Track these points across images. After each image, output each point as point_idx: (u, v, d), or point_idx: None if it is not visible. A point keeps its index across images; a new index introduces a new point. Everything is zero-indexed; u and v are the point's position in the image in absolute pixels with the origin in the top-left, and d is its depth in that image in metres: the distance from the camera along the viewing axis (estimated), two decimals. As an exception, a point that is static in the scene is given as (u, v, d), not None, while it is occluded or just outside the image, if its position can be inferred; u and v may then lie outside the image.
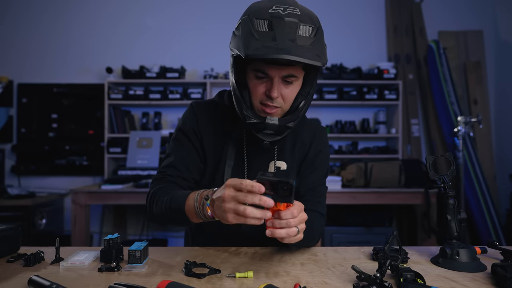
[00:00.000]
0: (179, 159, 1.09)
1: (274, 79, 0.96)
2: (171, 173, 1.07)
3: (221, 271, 0.87)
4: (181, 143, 1.11)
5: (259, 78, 0.98)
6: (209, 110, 1.14)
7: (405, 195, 2.98)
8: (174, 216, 0.96)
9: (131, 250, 0.91)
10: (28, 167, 3.63)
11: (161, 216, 1.00)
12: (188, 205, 0.91)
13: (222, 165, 1.11)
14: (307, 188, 1.15)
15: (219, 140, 1.12)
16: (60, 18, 3.77)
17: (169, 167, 1.08)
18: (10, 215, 3.02)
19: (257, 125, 0.98)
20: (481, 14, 3.86)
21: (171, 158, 1.10)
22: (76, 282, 0.81)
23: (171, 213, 0.96)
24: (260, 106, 1.00)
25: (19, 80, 3.70)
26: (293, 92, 1.00)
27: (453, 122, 3.38)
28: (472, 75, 3.71)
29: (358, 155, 3.51)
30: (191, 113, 1.13)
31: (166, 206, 0.97)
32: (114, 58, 3.70)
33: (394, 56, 3.74)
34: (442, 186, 0.97)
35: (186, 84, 3.65)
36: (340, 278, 0.84)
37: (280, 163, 1.13)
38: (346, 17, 3.85)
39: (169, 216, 0.97)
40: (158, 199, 1.00)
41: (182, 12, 3.80)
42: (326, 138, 1.22)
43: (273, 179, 0.76)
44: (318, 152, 1.17)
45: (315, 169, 1.17)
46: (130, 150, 3.36)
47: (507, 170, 3.55)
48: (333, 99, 3.52)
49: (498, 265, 0.81)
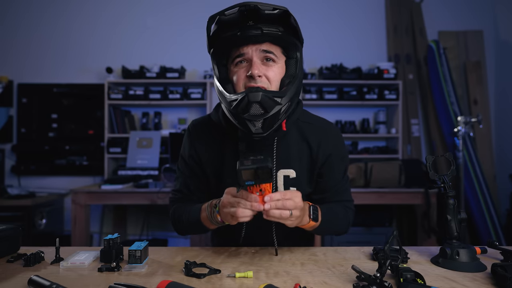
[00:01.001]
0: (185, 185, 1.18)
1: (253, 59, 0.97)
2: (180, 196, 1.18)
3: (221, 271, 0.87)
4: (183, 169, 1.18)
5: (238, 64, 1.00)
6: (204, 128, 1.16)
7: (405, 195, 2.98)
8: (196, 229, 1.10)
9: (131, 250, 0.91)
10: (28, 167, 3.63)
11: (187, 232, 1.16)
12: (202, 217, 1.04)
13: (224, 178, 1.11)
14: (327, 189, 1.14)
15: (217, 156, 1.12)
16: (60, 18, 3.77)
17: (178, 192, 1.19)
18: (10, 215, 3.02)
19: (241, 105, 0.93)
20: (481, 14, 3.86)
21: (178, 183, 1.20)
22: (76, 282, 0.81)
23: (193, 227, 1.10)
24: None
25: (19, 80, 3.70)
26: (276, 73, 0.99)
27: (453, 122, 3.38)
28: (472, 75, 3.71)
29: (358, 155, 3.51)
30: (188, 138, 1.17)
31: (187, 222, 1.10)
32: (114, 58, 3.70)
33: (394, 56, 3.74)
34: (442, 186, 0.97)
35: (186, 84, 3.65)
36: (340, 278, 0.84)
37: (288, 171, 1.09)
38: (346, 17, 3.85)
39: (192, 230, 1.14)
40: (179, 219, 1.13)
41: (182, 12, 3.80)
42: (336, 138, 1.14)
43: (252, 167, 0.84)
44: (328, 156, 1.12)
45: (331, 171, 1.13)
46: (130, 150, 3.36)
47: (507, 170, 3.55)
48: (333, 99, 3.52)
49: (498, 265, 0.81)
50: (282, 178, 1.08)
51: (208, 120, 1.18)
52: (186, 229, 1.14)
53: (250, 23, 0.94)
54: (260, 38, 0.97)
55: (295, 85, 0.99)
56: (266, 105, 0.92)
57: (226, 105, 0.97)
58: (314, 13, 3.78)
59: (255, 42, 0.97)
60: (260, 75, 0.97)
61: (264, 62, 0.99)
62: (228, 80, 1.02)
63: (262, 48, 0.98)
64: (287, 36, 0.98)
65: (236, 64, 1.00)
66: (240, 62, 1.00)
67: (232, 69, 1.01)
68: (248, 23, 0.94)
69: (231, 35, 0.96)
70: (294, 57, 1.02)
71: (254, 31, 0.94)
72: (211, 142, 1.13)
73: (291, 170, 1.09)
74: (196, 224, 1.07)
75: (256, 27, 0.94)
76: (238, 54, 0.99)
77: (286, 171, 1.08)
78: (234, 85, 1.00)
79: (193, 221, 1.07)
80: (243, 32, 0.95)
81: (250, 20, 0.94)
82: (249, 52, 0.98)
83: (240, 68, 0.99)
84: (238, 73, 0.99)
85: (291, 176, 1.09)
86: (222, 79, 1.02)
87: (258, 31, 0.94)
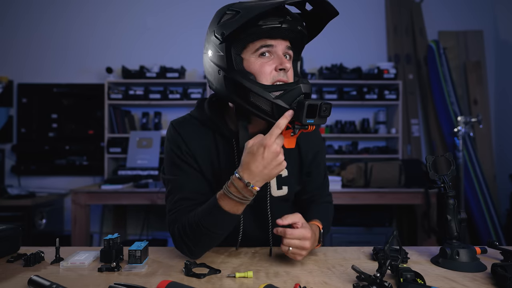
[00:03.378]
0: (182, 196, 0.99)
1: (279, 53, 0.93)
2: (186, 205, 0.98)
3: (221, 271, 0.87)
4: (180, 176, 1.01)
5: (262, 56, 0.92)
6: (192, 127, 1.05)
7: (405, 195, 2.98)
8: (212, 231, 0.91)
9: (131, 250, 0.91)
10: (28, 167, 3.63)
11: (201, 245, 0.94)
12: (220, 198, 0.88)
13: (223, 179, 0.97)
14: (315, 187, 1.17)
15: (212, 155, 1.04)
16: (60, 18, 3.77)
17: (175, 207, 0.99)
18: (10, 215, 3.01)
19: (289, 94, 0.86)
20: (481, 14, 3.86)
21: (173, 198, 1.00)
22: (76, 282, 0.81)
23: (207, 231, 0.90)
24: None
25: (19, 80, 3.70)
26: (291, 71, 0.96)
27: (453, 122, 3.38)
28: (472, 75, 3.71)
29: (358, 155, 3.51)
30: (177, 137, 1.03)
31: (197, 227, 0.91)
32: (114, 58, 3.70)
33: (394, 56, 3.74)
34: (442, 186, 0.97)
35: (186, 84, 3.65)
36: (340, 278, 0.84)
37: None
38: (346, 17, 3.84)
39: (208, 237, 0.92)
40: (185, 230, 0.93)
41: (182, 12, 3.80)
42: (319, 134, 1.20)
43: (317, 102, 0.83)
44: (316, 153, 1.16)
45: (317, 167, 1.17)
46: (130, 150, 3.36)
47: (507, 170, 3.55)
48: (333, 99, 3.51)
49: (498, 265, 0.81)
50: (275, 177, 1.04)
51: (190, 119, 1.08)
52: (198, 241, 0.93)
53: (288, 18, 0.90)
54: (289, 35, 0.93)
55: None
56: (308, 97, 0.90)
57: (262, 94, 0.87)
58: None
59: (284, 38, 0.93)
60: (290, 67, 0.94)
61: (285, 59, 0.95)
62: (245, 71, 0.91)
63: (288, 44, 0.95)
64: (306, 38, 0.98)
65: (260, 55, 0.92)
66: (263, 54, 0.92)
67: (254, 61, 0.92)
68: (287, 17, 0.90)
69: (270, 27, 0.88)
70: (299, 59, 1.01)
71: (293, 27, 0.90)
72: (203, 141, 1.04)
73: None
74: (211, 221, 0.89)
75: (294, 23, 0.90)
76: (265, 45, 0.91)
77: None
78: (259, 77, 0.91)
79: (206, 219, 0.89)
80: (285, 25, 0.89)
81: (287, 15, 0.90)
82: (278, 46, 0.92)
83: (267, 61, 0.92)
84: (265, 66, 0.91)
85: (283, 175, 1.08)
86: (239, 70, 0.90)
87: (297, 27, 0.91)
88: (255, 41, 0.92)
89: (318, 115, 0.84)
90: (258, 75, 0.91)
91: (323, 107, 0.83)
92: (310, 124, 0.85)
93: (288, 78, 0.93)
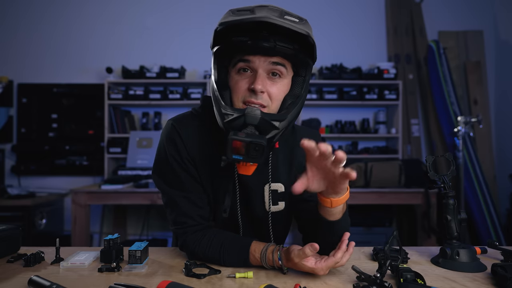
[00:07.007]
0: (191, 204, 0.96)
1: (258, 71, 0.87)
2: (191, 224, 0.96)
3: (221, 271, 0.87)
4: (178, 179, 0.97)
5: (241, 72, 0.89)
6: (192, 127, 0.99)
7: (405, 195, 2.98)
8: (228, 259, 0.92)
9: (131, 251, 0.91)
10: (28, 167, 3.62)
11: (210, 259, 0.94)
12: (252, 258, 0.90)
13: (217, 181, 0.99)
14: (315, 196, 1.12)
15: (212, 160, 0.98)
16: (60, 18, 3.77)
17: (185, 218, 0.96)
18: (10, 215, 3.01)
19: (235, 122, 0.83)
20: (481, 14, 3.86)
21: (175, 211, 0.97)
22: (76, 282, 0.81)
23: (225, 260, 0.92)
24: (243, 106, 0.89)
25: (19, 80, 3.70)
26: (280, 90, 0.90)
27: (453, 122, 3.38)
28: (472, 75, 3.71)
29: (358, 155, 3.51)
30: (177, 138, 0.96)
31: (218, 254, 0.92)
32: (114, 58, 3.69)
33: (394, 56, 3.74)
34: (442, 186, 0.97)
35: (186, 84, 3.65)
36: (340, 278, 0.84)
37: (276, 185, 1.01)
38: (346, 17, 3.85)
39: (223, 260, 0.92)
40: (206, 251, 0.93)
41: (181, 12, 3.80)
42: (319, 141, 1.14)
43: (245, 139, 0.76)
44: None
45: None
46: (130, 150, 3.36)
47: (507, 170, 3.55)
48: (333, 99, 3.52)
49: (498, 265, 0.81)
50: (269, 192, 1.00)
51: (192, 116, 1.01)
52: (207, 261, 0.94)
53: (265, 33, 0.84)
54: (271, 52, 0.87)
55: (297, 107, 0.90)
56: (262, 128, 0.83)
57: (219, 115, 0.87)
58: (315, 13, 3.77)
59: (265, 54, 0.87)
60: (263, 91, 0.87)
61: (269, 76, 0.89)
62: (227, 85, 0.91)
63: (272, 60, 0.88)
64: (301, 54, 0.89)
65: (238, 70, 0.90)
66: (243, 70, 0.89)
67: (233, 76, 0.90)
68: (263, 32, 0.84)
69: (240, 41, 0.86)
70: (302, 75, 0.93)
71: (266, 44, 0.84)
72: (203, 143, 0.98)
73: (279, 184, 1.02)
74: (231, 262, 0.91)
75: (270, 40, 0.84)
76: (244, 60, 0.88)
77: (274, 185, 1.01)
78: (232, 94, 0.90)
79: (227, 260, 0.91)
80: (254, 42, 0.85)
81: (265, 30, 0.84)
82: (256, 62, 0.87)
83: (243, 78, 0.89)
84: (239, 83, 0.89)
85: (280, 191, 1.02)
86: (220, 83, 0.90)
87: (271, 44, 0.84)
88: (236, 55, 0.90)
89: (246, 154, 0.77)
90: (232, 91, 0.90)
91: (252, 146, 0.76)
92: (237, 162, 0.79)
93: (262, 100, 0.87)
